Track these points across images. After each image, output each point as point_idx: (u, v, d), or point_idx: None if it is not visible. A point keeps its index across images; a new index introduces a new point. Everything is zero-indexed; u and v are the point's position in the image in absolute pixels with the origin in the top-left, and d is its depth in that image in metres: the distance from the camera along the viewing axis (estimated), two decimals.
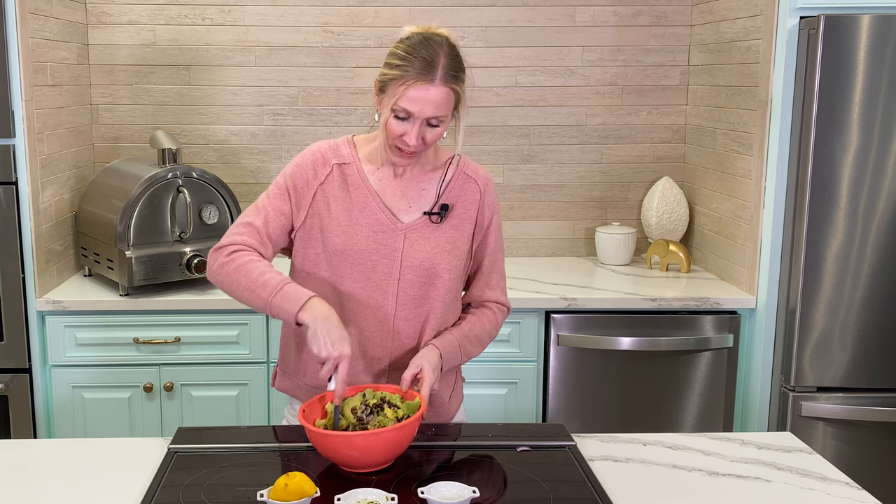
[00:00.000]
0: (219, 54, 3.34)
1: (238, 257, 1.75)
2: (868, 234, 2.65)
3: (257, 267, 1.74)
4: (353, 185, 1.83)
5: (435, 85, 1.70)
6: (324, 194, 1.82)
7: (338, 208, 1.82)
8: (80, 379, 2.83)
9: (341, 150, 1.86)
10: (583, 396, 2.92)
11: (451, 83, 1.72)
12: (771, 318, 2.81)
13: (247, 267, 1.73)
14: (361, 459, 1.58)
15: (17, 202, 2.70)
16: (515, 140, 3.45)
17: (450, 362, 1.84)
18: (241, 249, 1.77)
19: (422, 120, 1.72)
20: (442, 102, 1.72)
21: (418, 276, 1.82)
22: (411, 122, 1.72)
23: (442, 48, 1.72)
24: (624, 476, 1.69)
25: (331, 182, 1.83)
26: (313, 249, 1.83)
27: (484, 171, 1.93)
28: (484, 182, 1.91)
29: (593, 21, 3.39)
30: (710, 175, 3.22)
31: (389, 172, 1.86)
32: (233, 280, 1.74)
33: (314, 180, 1.83)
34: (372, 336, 1.84)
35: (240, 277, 1.73)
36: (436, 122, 1.74)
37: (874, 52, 2.55)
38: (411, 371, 1.74)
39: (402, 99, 1.70)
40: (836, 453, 2.75)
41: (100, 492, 1.59)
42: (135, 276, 2.79)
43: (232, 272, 1.74)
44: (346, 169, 1.84)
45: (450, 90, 1.72)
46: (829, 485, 1.66)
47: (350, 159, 1.85)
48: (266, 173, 3.41)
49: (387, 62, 1.74)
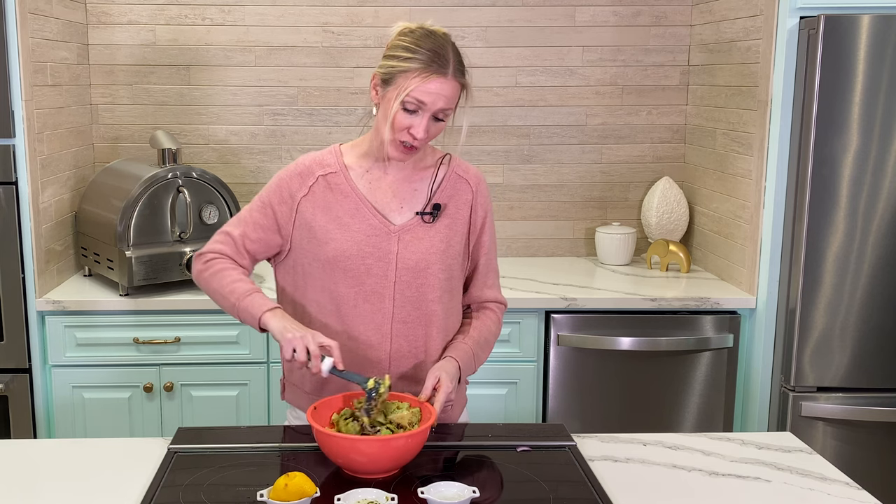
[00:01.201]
0: (219, 54, 3.34)
1: (213, 265, 1.85)
2: (868, 234, 2.65)
3: (230, 275, 1.82)
4: (341, 193, 1.84)
5: (448, 79, 1.71)
6: (309, 205, 1.83)
7: (326, 217, 1.82)
8: (80, 379, 2.83)
9: (326, 159, 1.87)
10: (583, 396, 2.92)
11: (461, 78, 1.74)
12: (771, 318, 2.81)
13: (220, 275, 1.82)
14: (367, 465, 1.57)
15: (17, 202, 2.70)
16: (515, 140, 3.45)
17: (466, 372, 1.86)
18: (217, 258, 1.86)
19: (431, 113, 1.73)
20: (453, 96, 1.73)
21: (414, 278, 1.82)
22: (420, 115, 1.73)
23: (448, 43, 1.74)
24: (624, 476, 1.69)
25: (316, 193, 1.83)
26: (306, 259, 1.84)
27: (475, 170, 1.93)
28: (476, 181, 1.91)
29: (593, 21, 3.39)
30: (710, 175, 3.22)
31: (379, 174, 1.86)
32: (208, 286, 1.84)
33: (298, 192, 1.84)
34: (371, 340, 1.84)
35: (213, 283, 1.83)
36: (442, 116, 1.75)
37: (874, 52, 2.55)
38: (431, 382, 1.74)
39: (416, 90, 1.70)
40: (836, 453, 2.75)
41: (100, 492, 1.59)
42: (135, 276, 2.79)
43: (208, 278, 1.84)
44: (333, 178, 1.85)
45: (459, 85, 1.74)
46: (829, 485, 1.66)
47: (336, 168, 1.85)
48: (266, 173, 3.41)
49: (391, 55, 1.74)
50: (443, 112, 1.74)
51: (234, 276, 1.81)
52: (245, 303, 1.77)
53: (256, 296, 1.78)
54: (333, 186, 1.84)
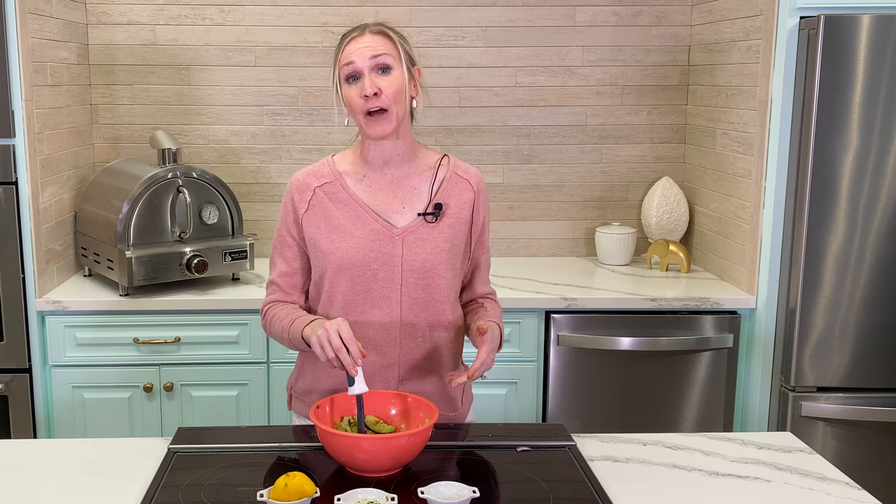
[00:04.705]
0: (219, 54, 3.34)
1: (268, 316, 1.92)
2: (868, 234, 2.65)
3: (279, 315, 1.88)
4: (340, 202, 1.85)
5: (365, 35, 1.79)
6: (311, 221, 1.86)
7: (328, 227, 1.84)
8: (80, 379, 2.83)
9: (321, 171, 1.89)
10: (583, 396, 2.92)
11: (382, 30, 1.80)
12: (771, 318, 2.81)
13: (273, 322, 1.89)
14: (369, 464, 1.58)
15: (17, 202, 2.70)
16: (515, 140, 3.45)
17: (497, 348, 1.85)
18: (270, 307, 1.93)
19: (368, 68, 1.76)
20: (378, 43, 1.78)
21: (420, 279, 1.83)
22: (362, 78, 1.77)
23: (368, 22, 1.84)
24: (624, 476, 1.69)
25: (315, 207, 1.86)
26: (316, 272, 1.88)
27: (475, 170, 1.94)
28: (476, 182, 1.93)
29: (593, 21, 3.39)
30: (710, 175, 3.22)
31: (377, 176, 1.87)
32: (273, 336, 1.92)
33: (300, 210, 1.87)
34: (381, 344, 1.85)
35: (274, 332, 1.90)
36: (383, 65, 1.77)
37: (874, 52, 2.55)
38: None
39: (342, 58, 1.78)
40: (836, 453, 2.75)
41: (100, 492, 1.59)
42: (135, 276, 2.79)
43: (270, 331, 1.92)
44: (329, 188, 1.86)
45: (383, 36, 1.80)
46: (829, 485, 1.66)
47: (331, 177, 1.87)
48: (266, 173, 3.41)
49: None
50: (379, 61, 1.77)
51: (281, 316, 1.86)
52: (291, 331, 1.81)
53: (298, 320, 1.81)
54: (331, 196, 1.86)
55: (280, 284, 1.92)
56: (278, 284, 1.92)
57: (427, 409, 1.70)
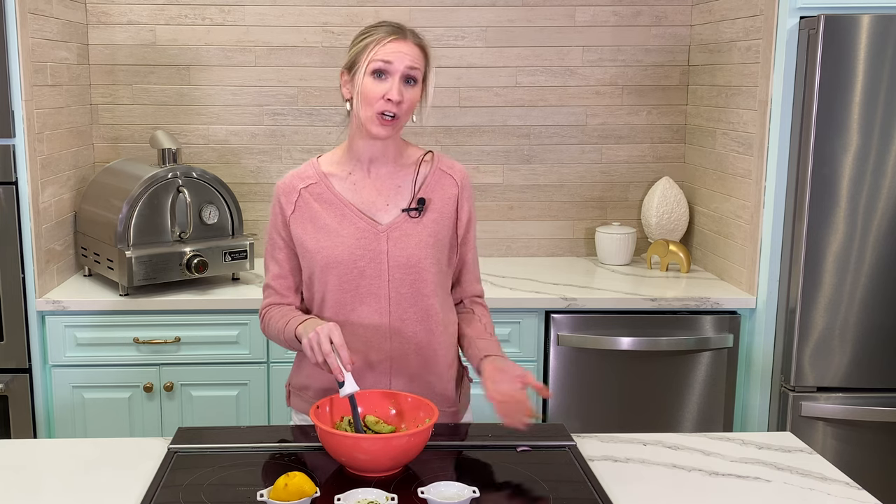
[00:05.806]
0: (219, 54, 3.34)
1: (265, 320, 1.95)
2: (868, 234, 2.65)
3: (275, 317, 1.90)
4: (325, 202, 1.86)
5: (408, 41, 1.80)
6: (297, 221, 1.87)
7: (314, 227, 1.85)
8: (80, 379, 2.83)
9: (305, 172, 1.90)
10: (583, 396, 2.92)
11: (422, 44, 1.82)
12: (771, 318, 2.81)
13: (270, 325, 1.92)
14: (369, 464, 1.58)
15: (17, 202, 2.70)
16: (515, 140, 3.45)
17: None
18: (266, 311, 1.95)
19: (401, 74, 1.77)
20: (417, 57, 1.80)
21: (407, 274, 1.84)
22: (390, 79, 1.77)
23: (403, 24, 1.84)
24: (624, 476, 1.69)
25: (301, 208, 1.87)
26: (306, 272, 1.89)
27: (460, 166, 1.95)
28: (461, 176, 1.93)
29: (593, 21, 3.39)
30: (710, 175, 3.22)
31: (361, 175, 1.88)
32: (270, 338, 1.95)
33: (287, 212, 1.88)
34: (371, 341, 1.85)
35: (271, 335, 1.92)
36: (412, 79, 1.78)
37: (874, 52, 2.55)
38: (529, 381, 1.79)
39: (380, 52, 1.77)
40: (836, 453, 2.75)
41: (100, 492, 1.59)
42: (135, 276, 2.79)
43: (268, 333, 1.95)
44: (315, 188, 1.88)
45: (421, 50, 1.81)
46: (829, 485, 1.66)
47: (316, 178, 1.89)
48: (266, 173, 3.41)
49: (352, 45, 1.83)
50: (411, 73, 1.77)
51: (277, 317, 1.88)
52: (286, 331, 1.83)
53: (293, 320, 1.82)
54: (316, 196, 1.87)
55: (275, 287, 1.93)
56: (273, 287, 1.94)
57: (427, 409, 1.70)
